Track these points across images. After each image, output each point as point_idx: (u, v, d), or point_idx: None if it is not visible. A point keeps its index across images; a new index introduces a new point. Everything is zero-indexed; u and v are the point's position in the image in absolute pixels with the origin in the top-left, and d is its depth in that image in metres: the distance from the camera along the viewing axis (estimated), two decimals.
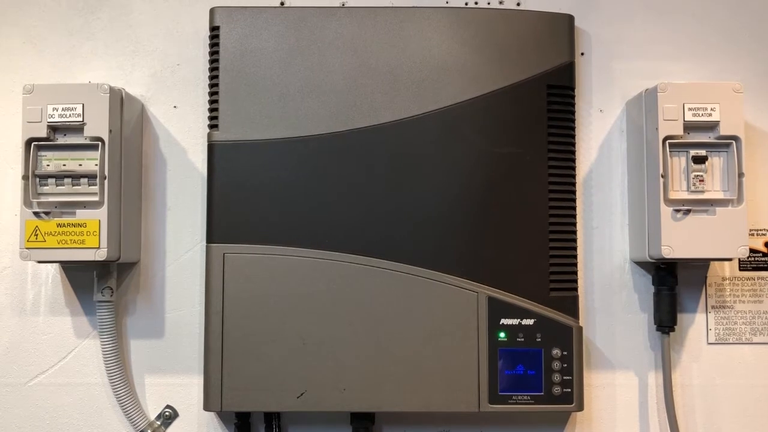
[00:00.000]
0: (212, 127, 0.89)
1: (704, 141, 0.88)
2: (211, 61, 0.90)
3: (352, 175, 0.88)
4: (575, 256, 0.91)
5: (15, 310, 0.95)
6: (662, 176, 0.87)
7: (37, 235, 0.85)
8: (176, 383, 0.94)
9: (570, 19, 0.92)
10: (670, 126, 0.87)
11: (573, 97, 0.92)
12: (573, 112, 0.92)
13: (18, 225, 0.88)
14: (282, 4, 0.96)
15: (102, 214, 0.85)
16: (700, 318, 0.96)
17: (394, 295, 0.87)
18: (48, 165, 0.86)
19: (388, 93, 0.89)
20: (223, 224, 0.88)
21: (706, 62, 0.97)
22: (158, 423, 0.94)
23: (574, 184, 0.92)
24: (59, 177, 0.86)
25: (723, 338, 0.95)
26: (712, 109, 0.87)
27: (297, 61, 0.89)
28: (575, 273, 0.90)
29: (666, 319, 0.92)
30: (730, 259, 0.94)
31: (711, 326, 0.95)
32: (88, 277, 0.93)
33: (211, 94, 0.90)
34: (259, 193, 0.88)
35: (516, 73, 0.90)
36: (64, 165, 0.86)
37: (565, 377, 0.87)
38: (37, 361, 0.94)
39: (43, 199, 0.86)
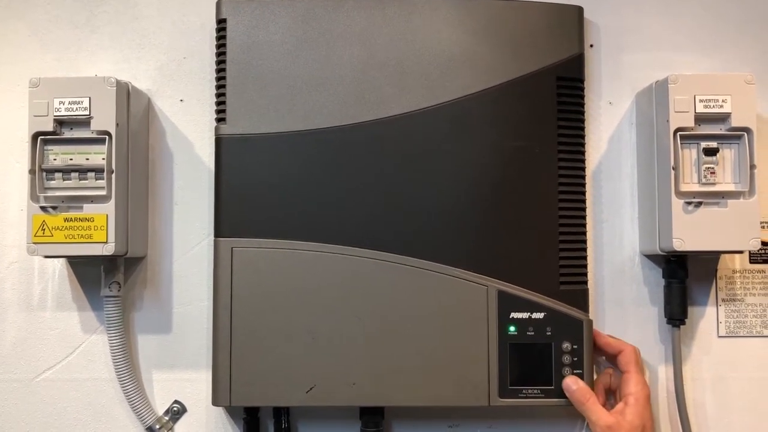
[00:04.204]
0: (219, 120, 0.88)
1: (716, 133, 0.87)
2: (218, 54, 0.89)
3: (360, 169, 0.87)
4: (585, 249, 0.90)
5: (22, 306, 0.94)
6: (673, 168, 0.86)
7: (44, 229, 0.85)
8: (184, 378, 0.94)
9: (579, 10, 0.92)
10: (681, 118, 0.86)
11: (582, 89, 0.91)
12: (582, 105, 0.91)
13: (24, 220, 0.87)
14: None
15: (109, 208, 0.85)
16: (710, 311, 0.95)
17: (404, 289, 0.87)
18: (55, 159, 0.86)
19: (396, 85, 0.88)
20: (231, 218, 0.87)
21: (717, 53, 0.97)
22: (166, 418, 0.94)
23: (583, 177, 0.91)
24: (66, 171, 0.85)
25: (734, 331, 0.95)
26: (723, 101, 0.86)
27: (305, 54, 0.88)
28: (585, 266, 0.90)
29: (676, 312, 0.92)
30: (741, 252, 0.93)
31: (722, 319, 0.95)
32: (95, 272, 0.92)
33: (218, 87, 0.89)
34: (267, 187, 0.87)
35: (525, 65, 0.89)
36: (71, 159, 0.86)
37: (575, 371, 0.87)
38: (44, 356, 0.94)
39: (50, 193, 0.85)
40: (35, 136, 0.85)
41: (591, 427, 0.83)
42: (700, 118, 0.87)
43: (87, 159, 0.86)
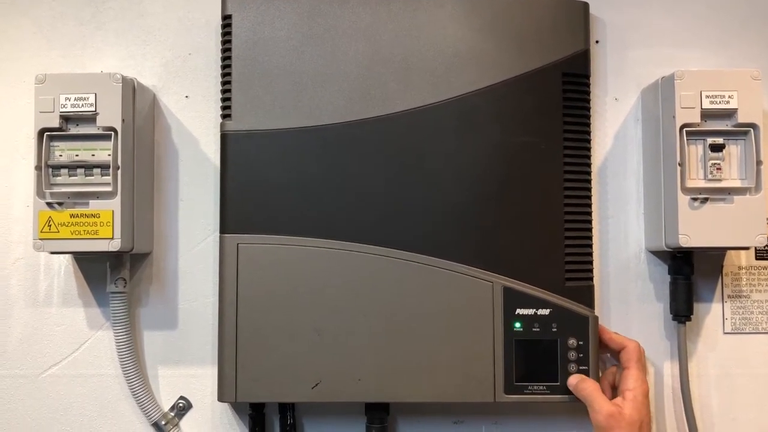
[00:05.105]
0: (225, 116, 0.88)
1: (722, 129, 0.87)
2: (224, 50, 0.89)
3: (365, 165, 0.87)
4: (591, 246, 0.90)
5: (28, 302, 0.94)
6: (679, 164, 0.86)
7: (50, 225, 0.85)
8: (190, 374, 0.94)
9: (585, 6, 0.91)
10: (687, 114, 0.86)
11: (588, 85, 0.91)
12: (588, 101, 0.91)
13: (30, 216, 0.87)
14: None
15: (115, 204, 0.85)
16: (716, 307, 0.95)
17: (409, 285, 0.87)
18: (60, 155, 0.86)
19: (402, 82, 0.88)
20: (237, 214, 0.87)
21: (723, 49, 0.96)
22: (172, 414, 0.94)
23: (589, 173, 0.91)
24: (72, 167, 0.85)
25: (739, 328, 0.95)
26: (729, 97, 0.86)
27: (310, 50, 0.88)
28: (591, 262, 0.90)
29: (682, 308, 0.92)
30: (747, 248, 0.93)
31: (727, 316, 0.95)
32: (100, 268, 0.92)
33: (224, 83, 0.89)
34: (272, 183, 0.87)
35: (531, 61, 0.89)
36: (77, 155, 0.86)
37: (581, 367, 0.87)
38: (51, 352, 0.94)
39: (56, 189, 0.85)
40: (41, 132, 0.85)
41: (592, 416, 0.83)
42: (706, 114, 0.87)
43: (93, 155, 0.86)
